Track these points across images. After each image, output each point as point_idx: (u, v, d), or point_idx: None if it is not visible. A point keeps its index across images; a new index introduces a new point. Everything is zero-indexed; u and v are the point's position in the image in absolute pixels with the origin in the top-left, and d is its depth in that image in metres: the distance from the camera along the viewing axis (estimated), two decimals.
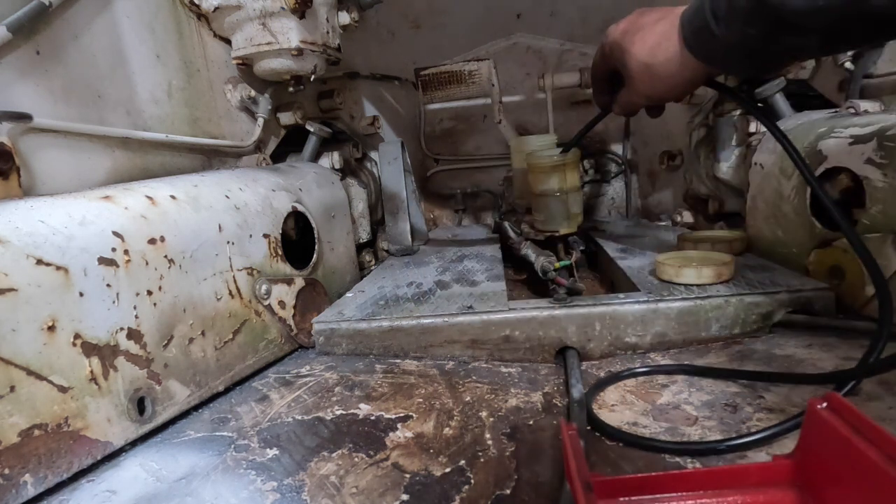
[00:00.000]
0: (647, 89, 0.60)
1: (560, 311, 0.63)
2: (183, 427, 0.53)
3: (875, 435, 0.29)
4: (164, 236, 0.54)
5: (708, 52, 0.53)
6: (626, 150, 1.42)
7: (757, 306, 0.62)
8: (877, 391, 0.46)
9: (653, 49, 0.57)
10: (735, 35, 0.49)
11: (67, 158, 0.62)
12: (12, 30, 0.56)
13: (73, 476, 0.44)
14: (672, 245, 0.88)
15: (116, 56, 0.71)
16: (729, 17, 0.48)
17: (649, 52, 0.57)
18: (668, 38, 0.55)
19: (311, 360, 0.67)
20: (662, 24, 0.56)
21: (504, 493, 0.39)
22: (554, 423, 0.48)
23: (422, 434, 0.48)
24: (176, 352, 0.54)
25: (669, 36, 0.55)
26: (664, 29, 0.56)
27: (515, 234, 1.02)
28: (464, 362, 0.64)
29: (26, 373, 0.41)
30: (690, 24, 0.53)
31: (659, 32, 0.56)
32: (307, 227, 0.82)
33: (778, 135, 0.59)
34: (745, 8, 0.46)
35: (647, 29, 0.58)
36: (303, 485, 0.42)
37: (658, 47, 0.56)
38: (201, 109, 0.84)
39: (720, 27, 0.49)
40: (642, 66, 0.58)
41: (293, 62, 0.85)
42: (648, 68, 0.57)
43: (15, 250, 0.42)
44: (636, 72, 0.59)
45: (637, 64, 0.58)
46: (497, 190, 1.48)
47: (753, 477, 0.34)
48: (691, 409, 0.48)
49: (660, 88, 0.59)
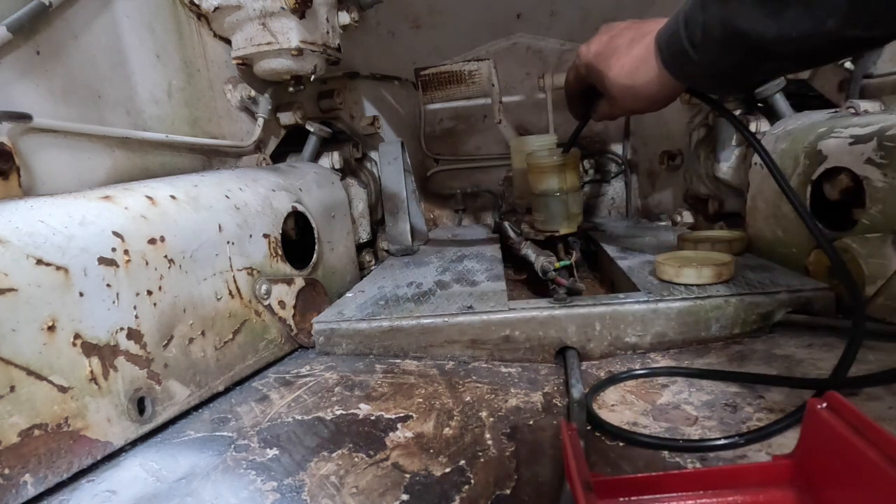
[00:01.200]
0: (629, 106, 0.60)
1: (560, 311, 0.63)
2: (183, 427, 0.53)
3: (875, 435, 0.29)
4: (164, 236, 0.54)
5: (687, 74, 0.53)
6: (626, 150, 1.42)
7: (757, 306, 0.62)
8: (877, 391, 0.46)
9: (632, 73, 0.57)
10: (712, 60, 0.49)
11: (67, 158, 0.62)
12: (12, 30, 0.56)
13: (73, 476, 0.44)
14: (672, 245, 0.88)
15: (116, 56, 0.71)
16: (705, 44, 0.49)
17: (628, 75, 0.57)
18: (645, 61, 0.56)
19: (311, 360, 0.67)
20: (638, 48, 0.56)
21: (504, 493, 0.39)
22: (554, 423, 0.48)
23: (422, 434, 0.48)
24: (176, 352, 0.54)
25: (647, 59, 0.55)
26: (640, 52, 0.56)
27: (515, 234, 1.02)
28: (464, 362, 0.64)
29: (26, 373, 0.41)
30: (668, 48, 0.53)
31: (635, 56, 0.56)
32: (307, 227, 0.82)
33: (752, 140, 0.58)
34: (719, 37, 0.47)
35: (622, 52, 0.58)
36: (303, 485, 0.42)
37: (637, 71, 0.56)
38: (201, 109, 0.84)
39: (697, 53, 0.50)
40: (623, 87, 0.58)
41: (293, 62, 0.85)
42: (629, 89, 0.58)
43: (15, 250, 0.42)
44: (617, 92, 0.59)
45: (618, 86, 0.58)
46: (497, 190, 1.48)
47: (753, 477, 0.34)
48: (691, 409, 0.48)
49: (642, 104, 0.59)
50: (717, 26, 0.47)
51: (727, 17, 0.45)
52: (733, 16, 0.45)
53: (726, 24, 0.46)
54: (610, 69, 0.58)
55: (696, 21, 0.49)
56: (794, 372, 0.52)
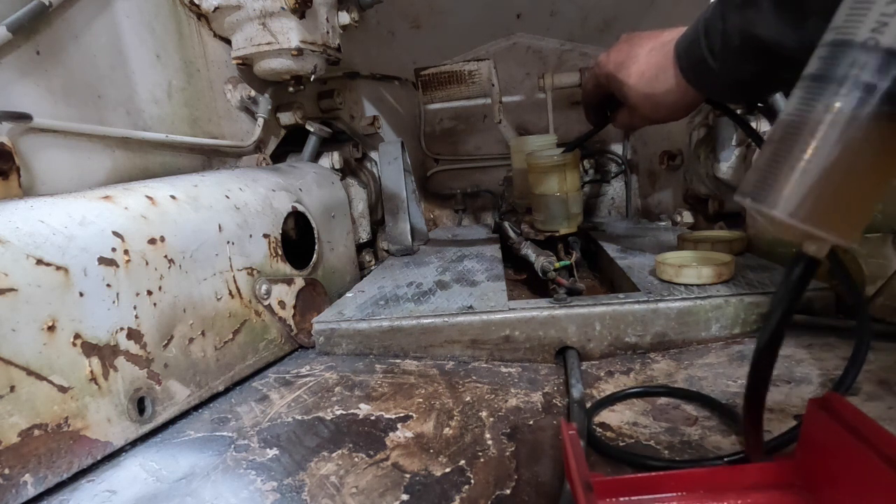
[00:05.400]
0: (649, 114, 0.60)
1: (560, 311, 0.63)
2: (183, 427, 0.53)
3: (875, 435, 0.29)
4: (164, 236, 0.54)
5: (706, 82, 0.53)
6: (626, 150, 1.42)
7: (757, 306, 0.62)
8: (877, 391, 0.46)
9: (651, 81, 0.57)
10: (732, 69, 0.49)
11: (67, 158, 0.62)
12: (12, 30, 0.56)
13: (73, 476, 0.44)
14: (672, 245, 0.88)
15: (116, 56, 0.71)
16: (724, 52, 0.48)
17: (648, 83, 0.57)
18: (664, 69, 0.55)
19: (311, 360, 0.67)
20: (656, 55, 0.56)
21: (504, 493, 0.39)
22: (554, 423, 0.48)
23: (422, 434, 0.48)
24: (176, 352, 0.54)
25: (666, 68, 0.55)
26: (659, 60, 0.56)
27: (515, 234, 1.02)
28: (464, 362, 0.64)
29: (26, 373, 0.41)
30: (688, 57, 0.53)
31: (654, 64, 0.56)
32: (307, 227, 0.82)
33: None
34: (738, 46, 0.46)
35: (641, 60, 0.57)
36: (303, 485, 0.42)
37: (656, 80, 0.56)
38: (201, 109, 0.84)
39: (717, 62, 0.49)
40: (643, 96, 0.58)
41: (293, 62, 0.85)
42: (649, 98, 0.57)
43: (15, 250, 0.42)
44: (638, 101, 0.59)
45: (637, 95, 0.58)
46: (497, 190, 1.48)
47: (753, 477, 0.34)
48: (691, 409, 0.48)
49: (662, 113, 0.59)
50: (736, 35, 0.46)
51: (747, 26, 0.45)
52: (753, 24, 0.44)
53: (746, 32, 0.45)
54: (629, 77, 0.58)
55: (715, 29, 0.48)
56: (794, 372, 0.52)
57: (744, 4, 0.46)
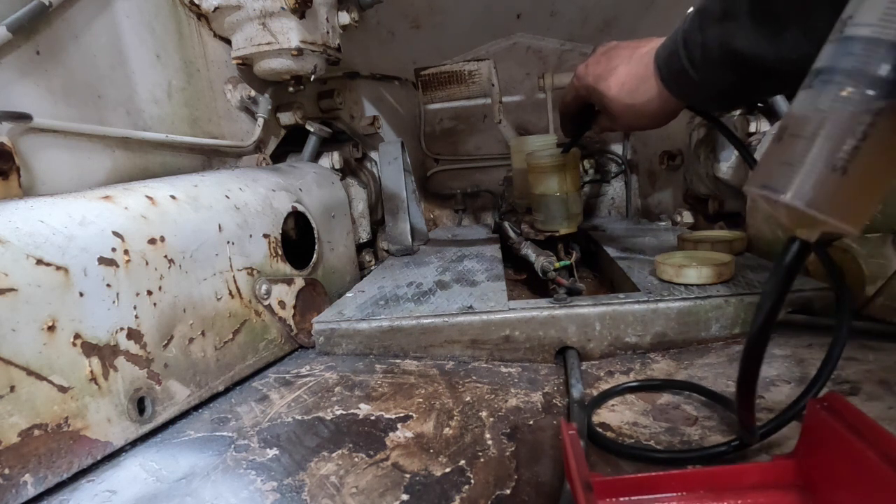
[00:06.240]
0: (631, 123, 0.61)
1: (560, 311, 0.63)
2: (183, 427, 0.53)
3: (875, 435, 0.29)
4: (164, 236, 0.54)
5: (687, 92, 0.53)
6: (626, 150, 1.43)
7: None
8: (877, 391, 0.46)
9: (632, 92, 0.57)
10: (712, 80, 0.49)
11: (67, 158, 0.62)
12: (12, 30, 0.56)
13: (73, 476, 0.44)
14: (672, 245, 0.88)
15: (116, 56, 0.71)
16: (704, 64, 0.49)
17: (629, 94, 0.57)
18: (644, 80, 0.56)
19: (311, 360, 0.67)
20: (636, 66, 0.56)
21: (504, 493, 0.39)
22: (554, 423, 0.48)
23: (422, 434, 0.48)
24: (176, 352, 0.54)
25: (646, 78, 0.56)
26: (639, 71, 0.56)
27: (515, 234, 1.02)
28: (464, 362, 0.64)
29: (26, 373, 0.41)
30: (668, 67, 0.53)
31: (635, 75, 0.57)
32: (307, 227, 0.82)
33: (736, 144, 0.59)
34: (718, 58, 0.46)
35: (620, 71, 0.58)
36: (303, 485, 0.42)
37: (637, 90, 0.57)
38: (201, 109, 0.84)
39: (697, 72, 0.50)
40: (624, 106, 0.58)
41: (293, 62, 0.85)
42: (631, 108, 0.58)
43: (15, 250, 0.42)
44: (619, 111, 0.59)
45: (619, 105, 0.59)
46: (497, 190, 1.48)
47: (753, 477, 0.34)
48: (691, 409, 0.48)
49: (644, 122, 0.60)
50: (715, 48, 0.47)
51: (725, 39, 0.45)
52: (731, 37, 0.45)
53: (725, 45, 0.46)
54: (609, 89, 0.59)
55: (695, 41, 0.49)
56: (794, 372, 0.52)
57: (722, 17, 0.46)
